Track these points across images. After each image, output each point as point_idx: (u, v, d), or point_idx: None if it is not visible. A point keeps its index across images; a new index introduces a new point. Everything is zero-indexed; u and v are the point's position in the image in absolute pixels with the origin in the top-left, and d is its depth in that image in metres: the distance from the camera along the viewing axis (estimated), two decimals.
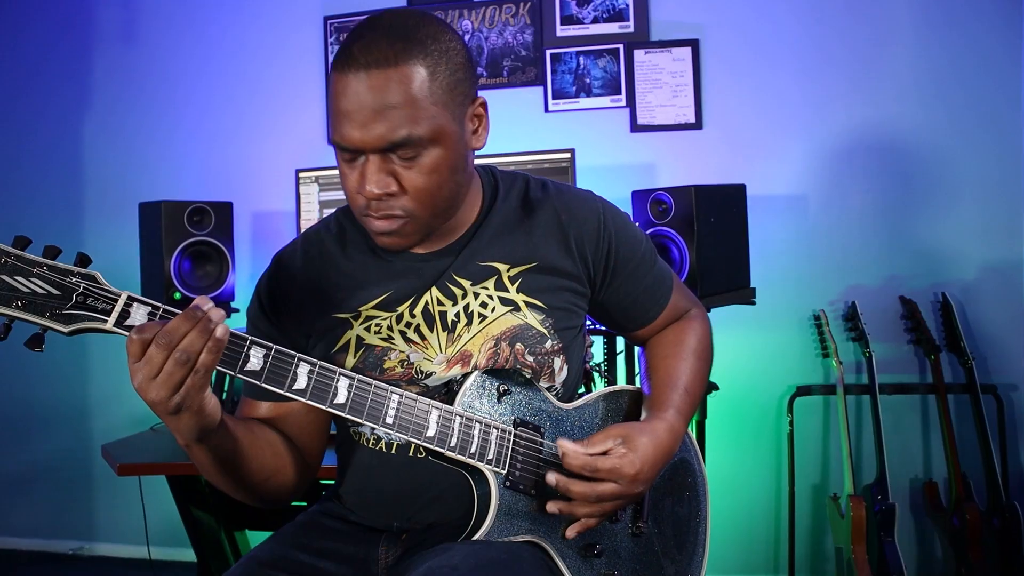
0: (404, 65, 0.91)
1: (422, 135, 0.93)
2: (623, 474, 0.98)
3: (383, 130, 0.91)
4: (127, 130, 3.01)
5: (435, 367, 1.08)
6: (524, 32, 2.76)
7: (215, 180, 2.91)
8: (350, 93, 0.91)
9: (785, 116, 2.57)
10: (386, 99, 0.91)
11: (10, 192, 3.11)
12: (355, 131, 0.92)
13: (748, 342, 2.56)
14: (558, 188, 1.17)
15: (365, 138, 0.92)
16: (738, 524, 2.60)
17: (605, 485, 0.98)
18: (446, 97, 0.95)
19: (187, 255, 2.20)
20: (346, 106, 0.92)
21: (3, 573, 2.96)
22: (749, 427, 2.59)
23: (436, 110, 0.94)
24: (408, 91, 0.91)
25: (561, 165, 2.29)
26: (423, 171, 0.96)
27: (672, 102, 2.65)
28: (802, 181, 2.56)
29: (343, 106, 0.92)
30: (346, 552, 1.09)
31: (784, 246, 2.55)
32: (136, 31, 3.01)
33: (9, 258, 0.84)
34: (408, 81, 0.91)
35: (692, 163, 2.62)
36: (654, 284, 1.20)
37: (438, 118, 0.94)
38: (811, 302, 2.55)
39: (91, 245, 3.00)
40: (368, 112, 0.91)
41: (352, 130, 0.92)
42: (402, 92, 0.91)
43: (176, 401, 0.84)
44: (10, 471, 3.14)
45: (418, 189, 0.97)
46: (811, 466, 2.57)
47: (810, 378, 2.55)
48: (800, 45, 2.55)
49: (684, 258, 2.05)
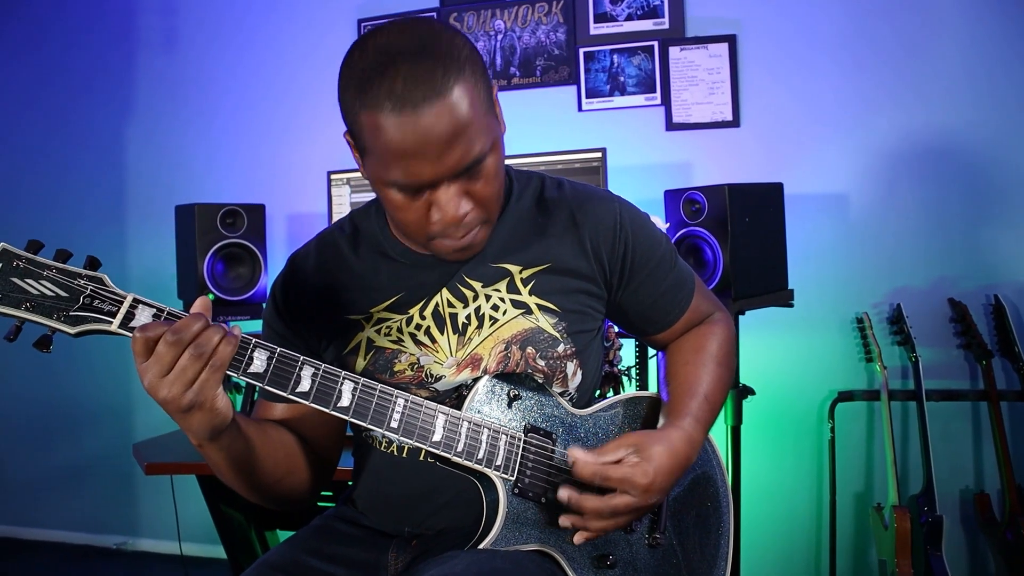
0: (455, 87, 0.88)
1: (486, 147, 0.93)
2: (635, 484, 0.95)
3: (457, 157, 0.90)
4: (167, 135, 3.09)
5: (445, 370, 1.06)
6: (557, 31, 2.73)
7: (250, 183, 2.96)
8: (417, 132, 0.87)
9: (826, 113, 2.48)
10: (455, 126, 0.88)
11: (58, 196, 3.22)
12: (427, 167, 0.89)
13: (786, 346, 2.49)
14: (574, 187, 1.14)
15: (440, 170, 0.90)
16: (777, 533, 2.53)
17: (618, 499, 0.95)
18: (489, 102, 0.95)
19: (220, 257, 2.23)
20: (414, 147, 0.88)
21: (51, 565, 3.05)
22: (788, 433, 2.51)
23: (489, 119, 0.94)
24: (468, 110, 0.89)
25: (592, 165, 2.26)
26: (488, 180, 0.96)
27: (708, 100, 2.59)
28: (844, 180, 2.47)
29: (406, 147, 0.88)
30: (356, 557, 1.08)
31: (825, 247, 2.47)
32: (177, 39, 3.08)
33: (20, 261, 0.85)
34: (464, 101, 0.88)
35: (729, 162, 2.55)
36: (674, 287, 1.16)
37: (491, 126, 0.94)
38: (853, 304, 2.46)
39: (134, 247, 3.09)
40: (440, 145, 0.88)
41: (424, 167, 0.89)
42: (464, 114, 0.88)
43: (189, 399, 0.84)
44: (58, 467, 3.25)
45: (487, 198, 0.97)
46: (854, 474, 2.48)
47: (852, 383, 2.46)
48: (843, 38, 2.46)
49: (717, 259, 2.00)
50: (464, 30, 2.80)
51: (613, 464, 0.96)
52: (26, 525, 3.34)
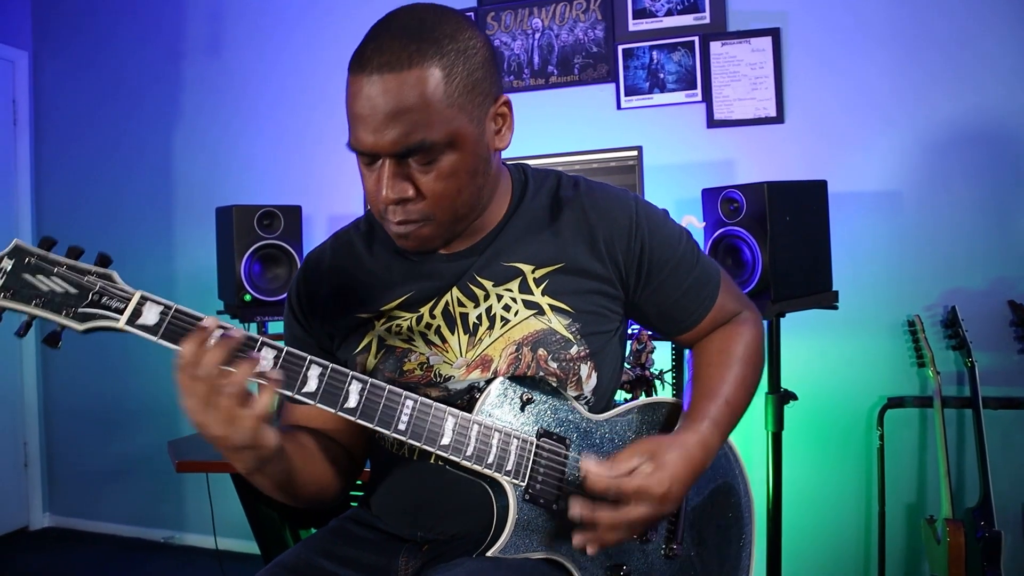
0: (418, 67, 0.87)
1: (437, 139, 0.89)
2: (651, 495, 0.91)
3: (397, 135, 0.88)
4: (210, 137, 3.16)
5: (455, 371, 1.04)
6: (595, 28, 2.69)
7: (288, 184, 3.00)
8: (363, 97, 0.88)
9: (875, 106, 2.38)
10: (400, 103, 0.87)
11: (116, 202, 3.33)
12: (368, 136, 0.89)
13: (832, 349, 2.40)
14: (590, 186, 1.11)
15: (379, 143, 0.89)
16: (823, 545, 2.44)
17: (633, 510, 0.92)
18: (463, 99, 0.91)
19: (257, 258, 2.26)
20: (359, 110, 0.89)
21: (105, 557, 3.15)
22: (835, 440, 2.42)
23: (452, 113, 0.90)
24: (422, 94, 0.87)
25: (628, 164, 2.21)
26: (440, 176, 0.92)
27: (751, 95, 2.52)
28: (895, 176, 2.37)
29: (357, 110, 0.90)
30: (367, 561, 1.07)
31: (874, 246, 2.37)
32: (220, 44, 3.15)
33: (32, 258, 0.87)
34: (422, 84, 0.87)
35: (773, 159, 2.48)
36: (696, 286, 1.11)
37: (455, 121, 0.90)
38: (904, 307, 2.35)
39: (180, 248, 3.17)
40: (381, 117, 0.88)
41: (366, 135, 0.90)
42: (416, 96, 0.87)
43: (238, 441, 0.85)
44: (110, 461, 3.35)
45: (435, 194, 0.93)
46: (904, 485, 2.37)
47: (903, 389, 2.35)
48: (891, 27, 2.36)
49: (756, 259, 1.93)
50: (501, 29, 2.78)
51: (626, 476, 0.92)
52: (84, 517, 3.46)
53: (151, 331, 0.87)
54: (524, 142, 2.64)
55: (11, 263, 0.86)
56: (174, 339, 0.87)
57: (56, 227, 3.41)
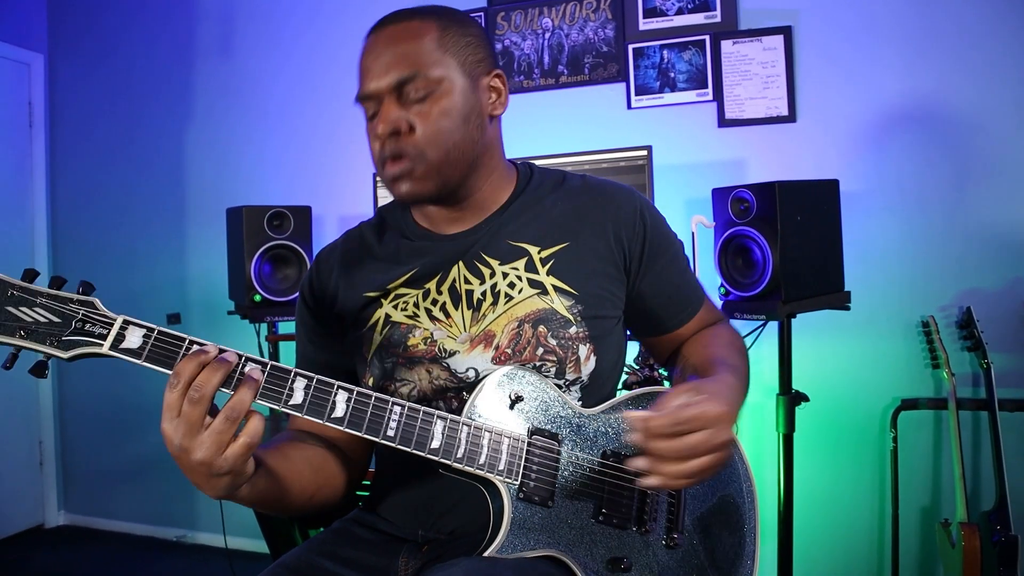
0: (419, 19, 1.02)
1: (430, 74, 1.00)
2: (710, 416, 0.85)
3: (394, 68, 0.99)
4: (221, 138, 3.18)
5: (458, 346, 1.05)
6: (605, 27, 2.68)
7: (298, 185, 3.01)
8: (369, 49, 1.02)
9: (888, 105, 2.35)
10: (399, 44, 1.00)
11: (127, 201, 3.35)
12: (371, 81, 1.01)
13: (844, 350, 2.37)
14: (597, 180, 1.16)
15: (379, 84, 1.00)
16: (835, 547, 2.41)
17: (693, 436, 0.85)
18: (456, 49, 1.02)
19: (267, 258, 2.27)
20: (365, 61, 1.02)
21: (119, 555, 3.17)
22: (847, 442, 2.39)
23: (446, 58, 1.01)
24: (419, 37, 1.00)
25: (637, 163, 2.20)
26: (432, 110, 1.00)
27: (763, 94, 2.49)
28: (908, 175, 2.34)
29: (364, 63, 1.02)
30: (368, 562, 1.07)
31: (887, 246, 2.34)
32: (231, 45, 3.16)
33: (14, 290, 0.87)
34: (420, 31, 1.01)
35: (785, 159, 2.45)
36: (687, 286, 1.16)
37: (448, 66, 1.01)
38: (918, 308, 2.32)
39: (192, 249, 3.19)
40: (383, 56, 1.00)
41: (369, 81, 1.01)
42: (413, 38, 1.00)
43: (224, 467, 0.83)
44: (124, 460, 3.38)
45: (427, 131, 1.00)
46: (919, 488, 2.34)
47: (917, 391, 2.32)
48: (903, 27, 2.33)
49: (767, 259, 1.91)
50: (511, 29, 2.78)
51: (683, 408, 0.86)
52: (98, 515, 3.49)
53: (134, 355, 0.87)
54: (534, 142, 2.65)
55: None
56: (158, 361, 0.87)
57: (70, 227, 3.45)
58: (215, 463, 0.82)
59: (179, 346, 0.88)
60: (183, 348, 0.87)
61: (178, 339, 0.88)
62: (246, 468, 0.87)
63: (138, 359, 0.87)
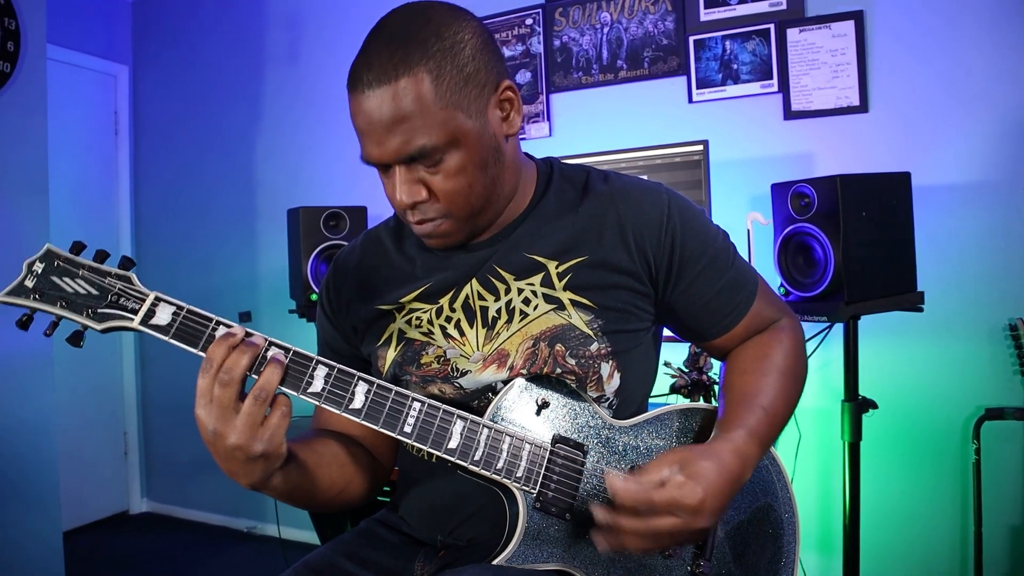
0: (406, 76, 0.88)
1: (437, 142, 0.90)
2: (684, 506, 0.83)
3: (398, 144, 0.90)
4: (287, 141, 3.27)
5: (471, 365, 1.02)
6: (665, 20, 2.60)
7: (355, 186, 3.05)
8: (361, 113, 0.91)
9: (968, 92, 2.18)
10: (394, 114, 0.89)
11: (207, 203, 3.50)
12: (373, 148, 0.92)
13: (919, 355, 2.22)
14: (621, 179, 1.07)
15: (383, 154, 0.92)
16: (911, 566, 2.26)
17: (661, 520, 0.84)
18: (456, 96, 0.91)
19: (323, 258, 2.31)
20: (360, 125, 0.92)
21: (194, 543, 3.31)
22: (923, 453, 2.24)
23: (448, 113, 0.90)
24: (415, 101, 0.88)
25: (693, 159, 2.12)
26: (449, 175, 0.93)
27: (832, 84, 2.37)
28: (991, 167, 2.16)
29: (358, 125, 0.93)
30: (386, 564, 1.06)
31: (966, 244, 2.17)
32: (299, 52, 3.25)
33: (60, 261, 0.91)
34: (413, 91, 0.88)
35: (857, 151, 2.32)
36: (731, 287, 1.05)
37: (452, 121, 0.90)
38: (1005, 310, 2.14)
39: (262, 248, 3.29)
40: (381, 129, 0.90)
41: (371, 148, 0.93)
42: (409, 103, 0.88)
43: (259, 449, 0.84)
44: (201, 451, 3.50)
45: (447, 193, 0.94)
46: (1006, 503, 2.16)
47: (1003, 399, 2.15)
48: (987, 6, 2.15)
49: (828, 258, 1.81)
50: (569, 25, 2.74)
51: (656, 487, 0.84)
52: (178, 504, 3.66)
53: (163, 331, 0.89)
54: (591, 139, 2.61)
55: (42, 266, 0.90)
56: (185, 339, 0.89)
57: (153, 228, 3.62)
58: (250, 447, 0.83)
59: (206, 325, 0.89)
60: (209, 327, 0.89)
61: (205, 318, 0.90)
62: (281, 449, 0.87)
63: (165, 336, 0.89)
